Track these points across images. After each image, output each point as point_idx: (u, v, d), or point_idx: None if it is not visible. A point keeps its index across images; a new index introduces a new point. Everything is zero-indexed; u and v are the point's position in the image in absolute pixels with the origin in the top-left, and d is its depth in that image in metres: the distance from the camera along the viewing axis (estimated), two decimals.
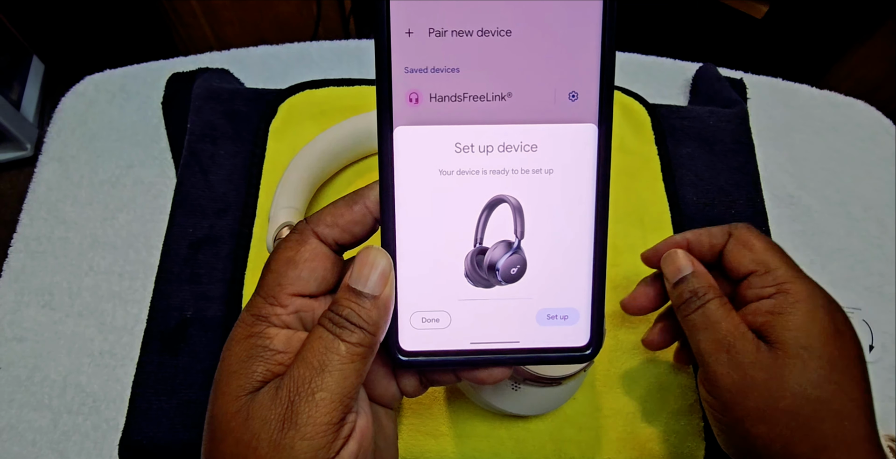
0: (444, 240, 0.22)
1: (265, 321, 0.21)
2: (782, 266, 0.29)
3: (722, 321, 0.29)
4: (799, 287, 0.28)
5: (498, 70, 0.21)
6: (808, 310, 0.28)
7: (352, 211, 0.22)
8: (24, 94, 1.22)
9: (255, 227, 0.41)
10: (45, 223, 0.44)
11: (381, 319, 0.21)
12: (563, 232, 0.23)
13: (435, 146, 0.22)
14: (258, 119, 0.45)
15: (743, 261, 0.30)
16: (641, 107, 0.48)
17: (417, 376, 0.25)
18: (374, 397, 0.24)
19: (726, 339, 0.28)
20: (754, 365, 0.27)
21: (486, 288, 0.23)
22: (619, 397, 0.37)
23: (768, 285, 0.29)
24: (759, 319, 0.28)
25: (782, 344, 0.27)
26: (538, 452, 0.35)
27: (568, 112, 0.22)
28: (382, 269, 0.21)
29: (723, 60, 0.55)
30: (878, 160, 0.51)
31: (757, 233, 0.31)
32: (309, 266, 0.22)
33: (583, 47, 0.21)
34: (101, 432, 0.38)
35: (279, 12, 1.10)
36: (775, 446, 0.26)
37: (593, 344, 0.24)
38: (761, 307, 0.29)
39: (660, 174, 0.45)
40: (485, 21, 0.20)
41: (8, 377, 0.39)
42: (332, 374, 0.20)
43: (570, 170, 0.22)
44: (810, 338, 0.27)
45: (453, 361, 0.23)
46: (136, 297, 0.42)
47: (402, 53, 0.21)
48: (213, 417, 0.21)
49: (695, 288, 0.30)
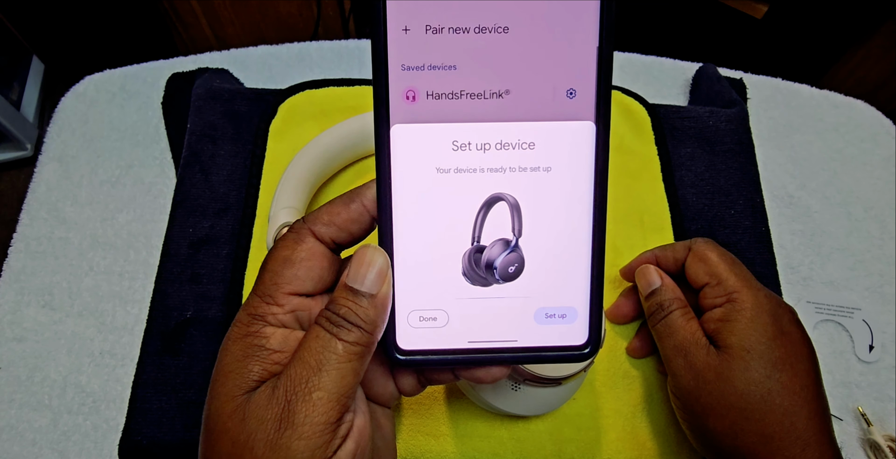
0: (442, 239, 0.22)
1: (262, 320, 0.21)
2: (731, 277, 0.32)
3: (681, 329, 0.33)
4: (745, 295, 0.32)
5: (495, 67, 0.21)
6: (751, 317, 0.31)
7: (349, 209, 0.22)
8: (24, 94, 1.22)
9: (255, 227, 0.41)
10: (45, 223, 0.44)
11: (378, 318, 0.21)
12: (561, 231, 0.22)
13: (432, 144, 0.22)
14: (258, 119, 0.45)
15: (699, 274, 0.33)
16: (641, 108, 0.48)
17: (415, 375, 0.25)
18: (372, 396, 0.24)
19: (683, 345, 0.32)
20: (706, 366, 0.31)
21: (483, 286, 0.23)
22: (619, 397, 0.37)
23: (719, 295, 0.32)
24: (711, 326, 0.32)
25: (728, 348, 0.31)
26: (538, 452, 0.35)
27: (566, 109, 0.21)
28: (380, 268, 0.21)
29: (723, 60, 0.55)
30: (878, 160, 0.51)
31: (713, 247, 0.34)
32: (306, 265, 0.22)
33: (581, 44, 0.21)
34: (101, 432, 0.38)
35: (279, 12, 1.10)
36: (727, 439, 0.30)
37: (592, 344, 0.23)
38: (713, 315, 0.32)
39: (660, 174, 0.45)
40: (482, 18, 0.20)
41: (8, 377, 0.39)
42: (330, 373, 0.20)
43: (568, 168, 0.22)
44: (752, 341, 0.30)
45: (451, 360, 0.23)
46: (136, 297, 0.42)
47: (399, 51, 0.21)
48: (209, 417, 0.21)
49: (661, 301, 0.34)
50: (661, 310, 0.34)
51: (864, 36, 0.96)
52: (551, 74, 0.21)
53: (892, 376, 0.42)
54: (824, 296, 0.44)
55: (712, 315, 0.32)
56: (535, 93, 0.21)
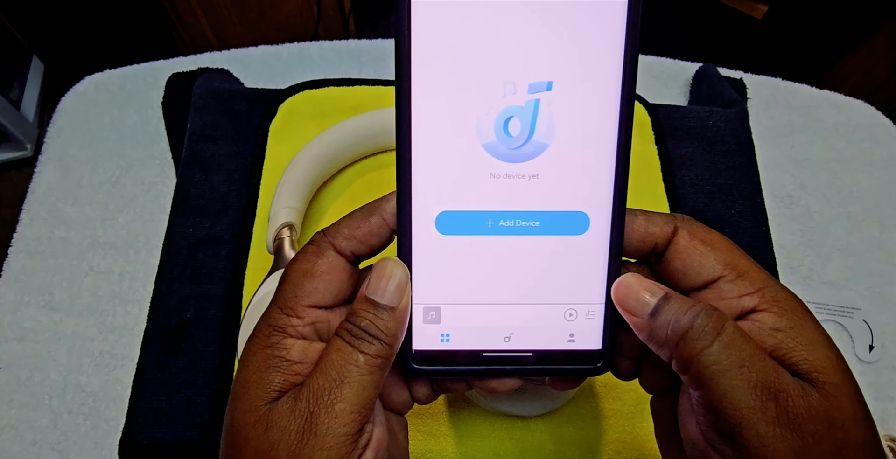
0: (463, 261, 0.22)
1: (282, 332, 0.22)
2: (752, 266, 0.22)
3: (754, 356, 0.19)
4: (783, 292, 0.22)
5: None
6: (812, 319, 0.21)
7: (368, 223, 0.23)
8: (24, 94, 1.22)
9: (255, 227, 0.41)
10: (45, 223, 0.44)
11: (398, 330, 0.21)
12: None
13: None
14: (258, 119, 0.45)
15: (708, 264, 0.22)
16: (641, 107, 0.48)
17: (429, 384, 0.25)
18: (387, 404, 0.24)
19: (767, 383, 0.19)
20: (809, 414, 0.19)
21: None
22: (619, 397, 0.37)
23: (746, 292, 0.21)
24: (767, 341, 0.20)
25: (820, 372, 0.19)
26: (538, 452, 0.35)
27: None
28: (399, 281, 0.22)
29: (723, 60, 0.55)
30: (878, 160, 0.51)
31: (706, 227, 0.23)
32: (326, 278, 0.22)
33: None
34: (101, 432, 0.38)
35: (279, 12, 1.10)
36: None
37: (606, 355, 0.23)
38: (760, 324, 0.21)
39: (660, 174, 0.45)
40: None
41: (8, 377, 0.39)
42: (352, 385, 0.20)
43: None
44: (836, 358, 0.20)
45: (466, 371, 0.23)
46: (136, 297, 0.42)
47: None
48: (231, 426, 0.21)
49: (696, 307, 0.20)
50: (705, 319, 0.20)
51: (864, 36, 0.96)
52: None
53: (892, 376, 0.42)
54: (824, 296, 0.44)
55: (758, 323, 0.21)
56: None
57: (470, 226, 0.22)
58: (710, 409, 0.20)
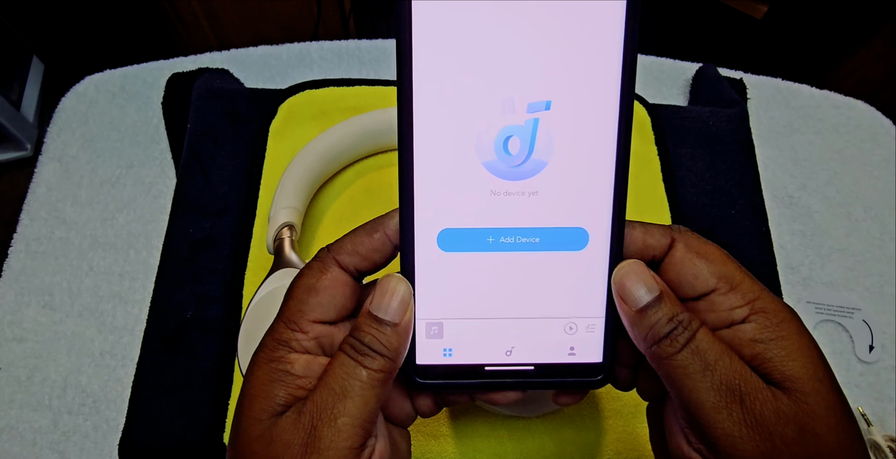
0: (464, 274, 0.23)
1: (286, 346, 0.22)
2: (746, 278, 0.22)
3: (720, 359, 0.21)
4: (770, 302, 0.22)
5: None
6: (798, 330, 0.21)
7: (372, 239, 0.23)
8: (24, 94, 1.22)
9: (255, 228, 0.41)
10: (45, 223, 0.44)
11: (401, 346, 0.22)
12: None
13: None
14: (258, 119, 0.45)
15: (702, 275, 0.22)
16: (641, 107, 0.48)
17: (432, 397, 0.25)
18: (390, 416, 0.25)
19: (731, 384, 0.20)
20: (777, 417, 0.19)
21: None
22: (620, 397, 0.37)
23: (737, 305, 0.22)
24: (746, 351, 0.21)
25: (792, 381, 0.20)
26: (538, 452, 0.35)
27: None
28: (402, 297, 0.22)
29: (723, 60, 0.55)
30: (878, 160, 0.51)
31: (703, 238, 0.24)
32: (329, 293, 0.22)
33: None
34: (101, 432, 0.38)
35: (279, 12, 1.10)
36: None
37: (606, 368, 0.24)
38: (742, 334, 0.21)
39: (660, 174, 0.45)
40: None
41: (8, 377, 0.39)
42: (354, 400, 0.20)
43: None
44: (818, 367, 0.21)
45: (468, 384, 0.24)
46: (136, 297, 0.42)
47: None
48: (235, 439, 0.21)
49: (673, 315, 0.21)
50: (680, 330, 0.21)
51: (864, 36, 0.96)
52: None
53: (892, 376, 0.42)
54: (824, 296, 0.44)
55: (739, 334, 0.21)
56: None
57: (471, 243, 0.22)
58: (682, 408, 0.21)
